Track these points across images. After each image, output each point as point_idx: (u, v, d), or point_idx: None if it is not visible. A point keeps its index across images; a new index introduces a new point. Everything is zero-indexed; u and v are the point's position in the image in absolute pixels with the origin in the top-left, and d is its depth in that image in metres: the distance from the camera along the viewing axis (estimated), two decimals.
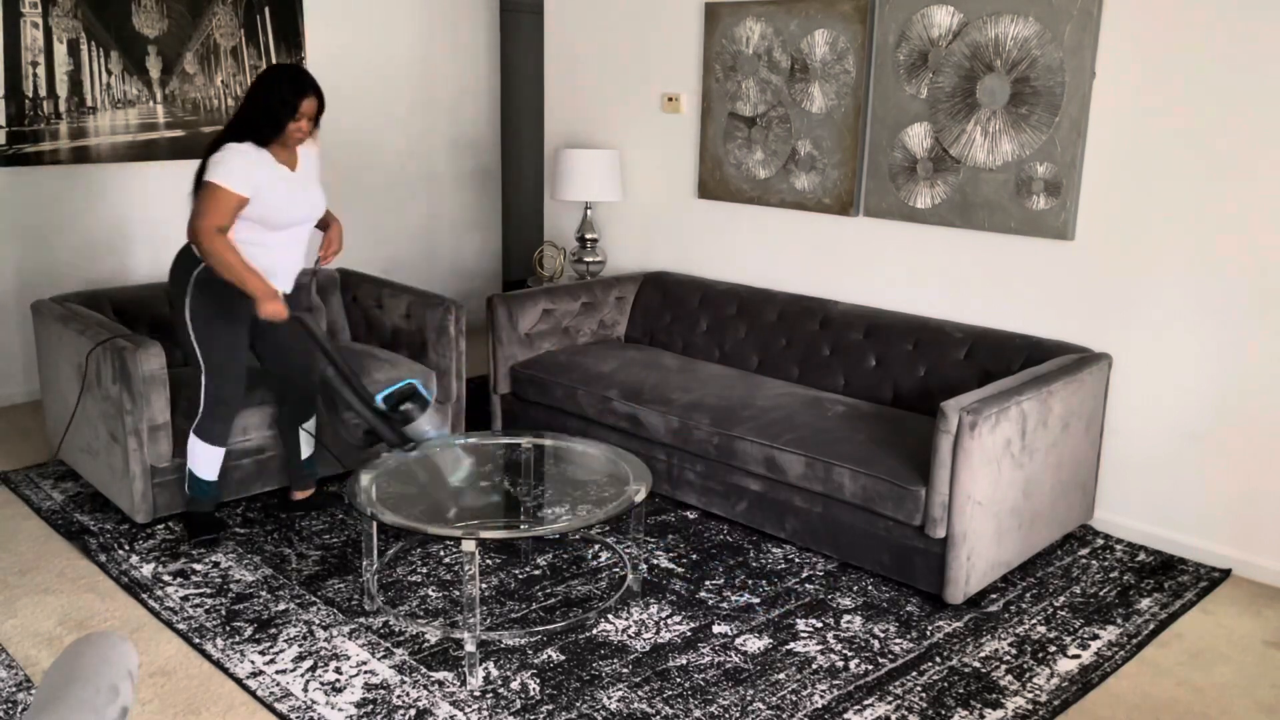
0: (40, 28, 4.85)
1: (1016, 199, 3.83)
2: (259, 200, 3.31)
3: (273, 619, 3.12)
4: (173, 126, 5.34)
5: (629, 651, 2.98)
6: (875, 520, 3.37)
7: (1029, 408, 3.27)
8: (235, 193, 3.25)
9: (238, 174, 3.25)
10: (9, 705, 2.66)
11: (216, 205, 3.25)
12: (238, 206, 3.28)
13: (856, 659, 2.97)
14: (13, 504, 3.92)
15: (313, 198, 3.53)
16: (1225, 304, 3.47)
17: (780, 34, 4.43)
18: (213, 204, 3.25)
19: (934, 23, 3.95)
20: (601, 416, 4.11)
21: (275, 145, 3.36)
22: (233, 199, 3.26)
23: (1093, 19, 3.56)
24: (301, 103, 3.32)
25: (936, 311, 4.15)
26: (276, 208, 3.37)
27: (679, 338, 4.70)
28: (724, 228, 4.84)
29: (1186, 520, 3.66)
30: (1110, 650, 3.05)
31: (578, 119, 5.40)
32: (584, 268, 5.22)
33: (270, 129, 3.32)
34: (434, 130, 6.48)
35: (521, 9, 7.24)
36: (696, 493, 3.88)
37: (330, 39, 5.87)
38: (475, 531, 2.90)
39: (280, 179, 3.38)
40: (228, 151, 3.28)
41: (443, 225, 6.67)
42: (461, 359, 4.36)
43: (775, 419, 3.69)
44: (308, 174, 3.51)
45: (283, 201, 3.38)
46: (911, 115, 4.07)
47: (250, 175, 3.27)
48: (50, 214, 5.03)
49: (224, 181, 3.24)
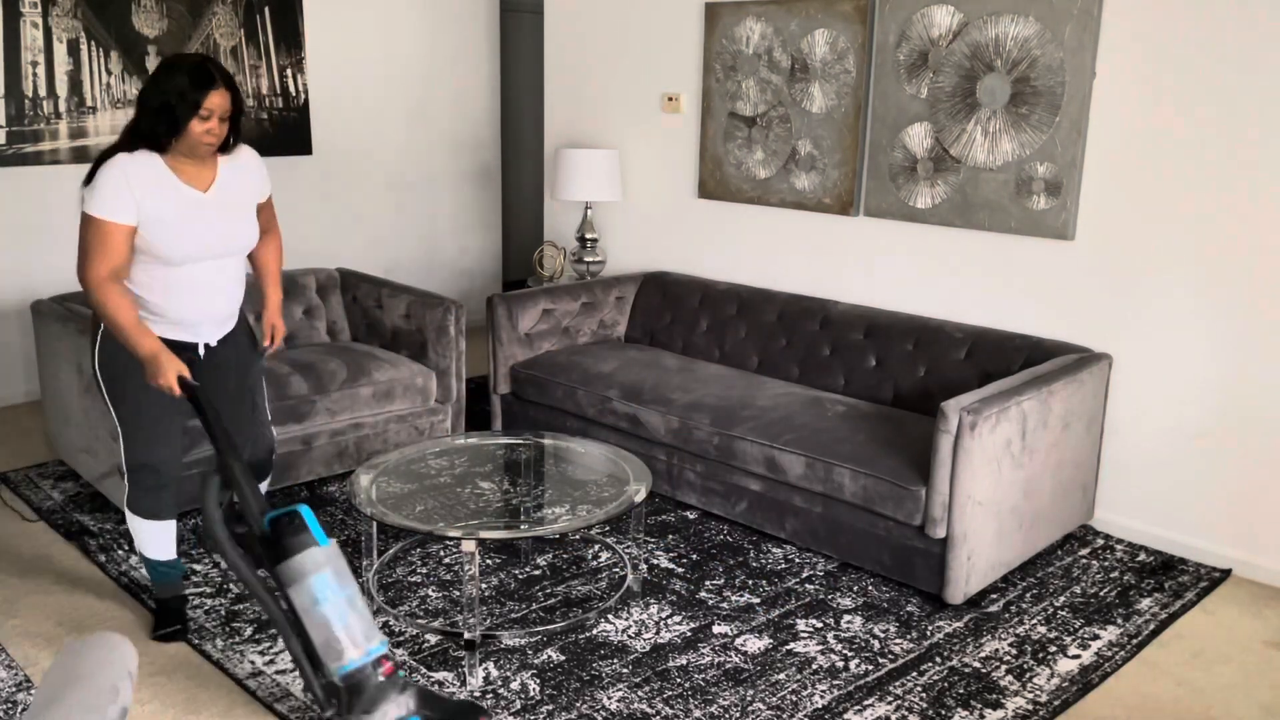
0: (40, 28, 4.85)
1: (1017, 199, 3.83)
2: (145, 227, 2.66)
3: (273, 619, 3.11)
4: None
5: (629, 651, 2.98)
6: (875, 520, 3.37)
7: (1029, 408, 3.26)
8: (116, 222, 2.61)
9: (113, 197, 2.61)
10: (9, 705, 2.66)
11: (99, 243, 2.61)
12: (127, 239, 2.64)
13: (856, 659, 2.97)
14: (12, 504, 3.92)
15: (230, 227, 2.81)
16: (1225, 304, 3.47)
17: (780, 34, 4.43)
18: (94, 241, 2.61)
19: (934, 22, 3.95)
20: (601, 416, 4.11)
21: (178, 155, 2.71)
22: (117, 231, 2.61)
23: (1093, 19, 3.56)
24: (206, 96, 2.64)
25: (936, 311, 4.15)
26: (166, 239, 2.68)
27: (679, 338, 4.70)
28: (724, 228, 4.84)
29: (1186, 520, 3.66)
30: (1110, 650, 3.05)
31: (578, 119, 5.40)
32: (584, 268, 5.22)
33: (166, 129, 2.65)
34: (434, 130, 6.48)
35: (521, 9, 7.24)
36: (696, 493, 3.88)
37: (330, 39, 5.87)
38: (475, 532, 2.90)
39: (177, 199, 2.71)
40: (103, 170, 2.63)
41: (443, 225, 6.67)
42: (461, 359, 4.37)
43: (775, 419, 3.69)
44: (228, 196, 2.81)
45: (177, 229, 2.69)
46: (912, 115, 4.07)
47: (130, 195, 2.62)
48: (50, 214, 5.03)
49: (99, 210, 2.61)
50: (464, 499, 3.14)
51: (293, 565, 2.30)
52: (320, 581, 2.29)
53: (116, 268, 2.64)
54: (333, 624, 2.28)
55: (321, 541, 2.33)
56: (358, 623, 2.30)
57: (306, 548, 2.30)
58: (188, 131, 2.66)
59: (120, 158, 2.65)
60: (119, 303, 2.64)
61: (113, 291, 2.64)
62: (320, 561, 2.31)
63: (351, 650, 2.27)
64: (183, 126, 2.65)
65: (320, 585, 2.29)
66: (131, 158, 2.66)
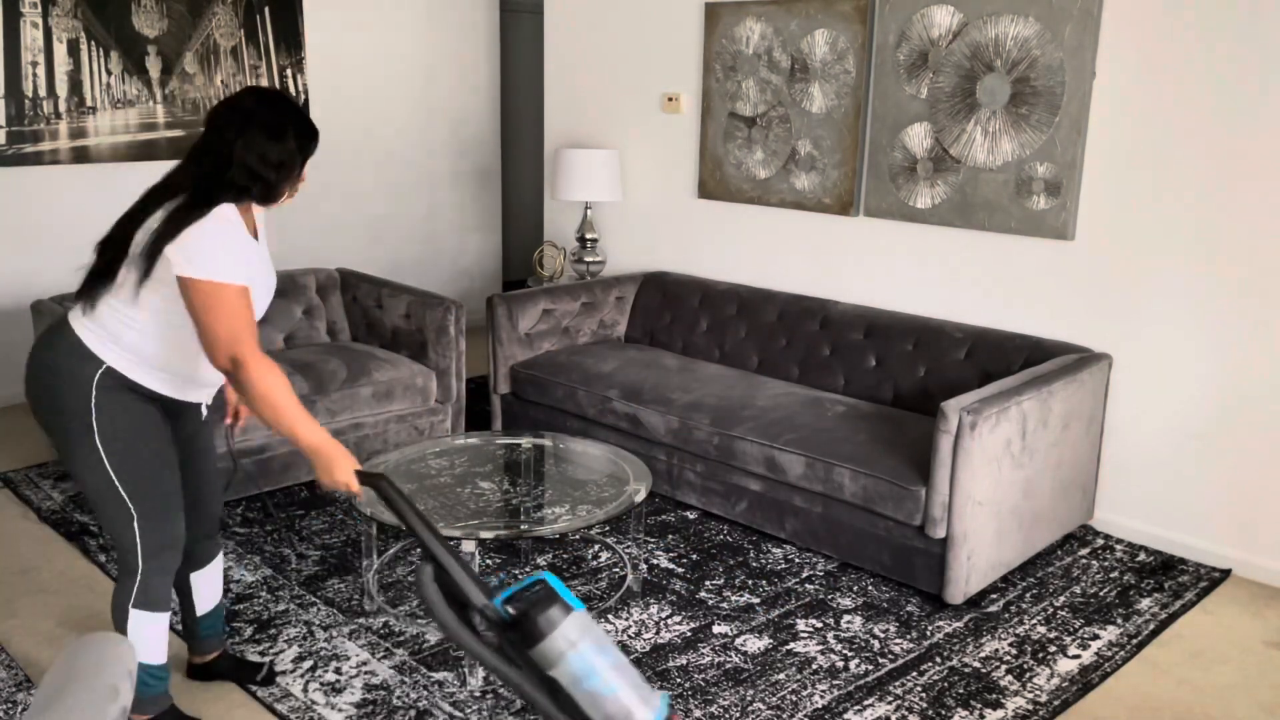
0: (40, 28, 4.85)
1: (1016, 199, 3.83)
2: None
3: (273, 619, 3.12)
4: (173, 126, 5.34)
5: (629, 651, 2.98)
6: (875, 520, 3.37)
7: (1029, 408, 3.26)
8: (243, 285, 2.27)
9: (233, 259, 2.26)
10: (9, 705, 2.66)
11: (243, 310, 2.25)
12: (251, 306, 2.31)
13: (856, 659, 2.97)
14: (13, 504, 3.92)
15: (273, 278, 2.55)
16: (1225, 304, 3.47)
17: (780, 34, 4.43)
18: (233, 311, 2.23)
19: (934, 23, 3.95)
20: (601, 416, 4.11)
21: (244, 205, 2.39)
22: (246, 297, 2.28)
23: (1093, 19, 3.56)
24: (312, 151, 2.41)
25: (936, 311, 4.15)
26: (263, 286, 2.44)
27: (679, 338, 4.70)
28: (724, 228, 4.84)
29: (1186, 520, 3.66)
30: (1110, 650, 3.05)
31: (578, 119, 5.40)
32: (584, 268, 5.22)
33: (265, 192, 2.35)
34: (434, 130, 6.48)
35: (521, 9, 7.24)
36: (696, 493, 3.88)
37: (330, 39, 5.87)
38: (475, 532, 2.90)
39: (254, 254, 2.40)
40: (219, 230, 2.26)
41: (443, 225, 6.67)
42: (461, 359, 4.37)
43: (775, 419, 3.69)
44: (266, 245, 2.55)
45: (259, 286, 2.41)
46: (911, 115, 4.07)
47: (241, 257, 2.30)
48: (50, 214, 5.03)
49: (225, 276, 2.23)
50: (464, 499, 3.15)
51: (547, 647, 1.99)
52: (580, 659, 1.99)
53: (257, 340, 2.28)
54: (607, 698, 2.00)
55: (577, 606, 2.03)
56: (634, 687, 2.03)
57: (557, 624, 1.98)
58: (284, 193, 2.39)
59: (227, 213, 2.29)
60: (284, 382, 2.27)
61: (274, 368, 2.26)
62: (574, 638, 1.99)
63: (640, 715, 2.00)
64: (284, 190, 2.38)
65: (582, 662, 1.99)
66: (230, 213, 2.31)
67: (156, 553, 2.43)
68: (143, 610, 2.44)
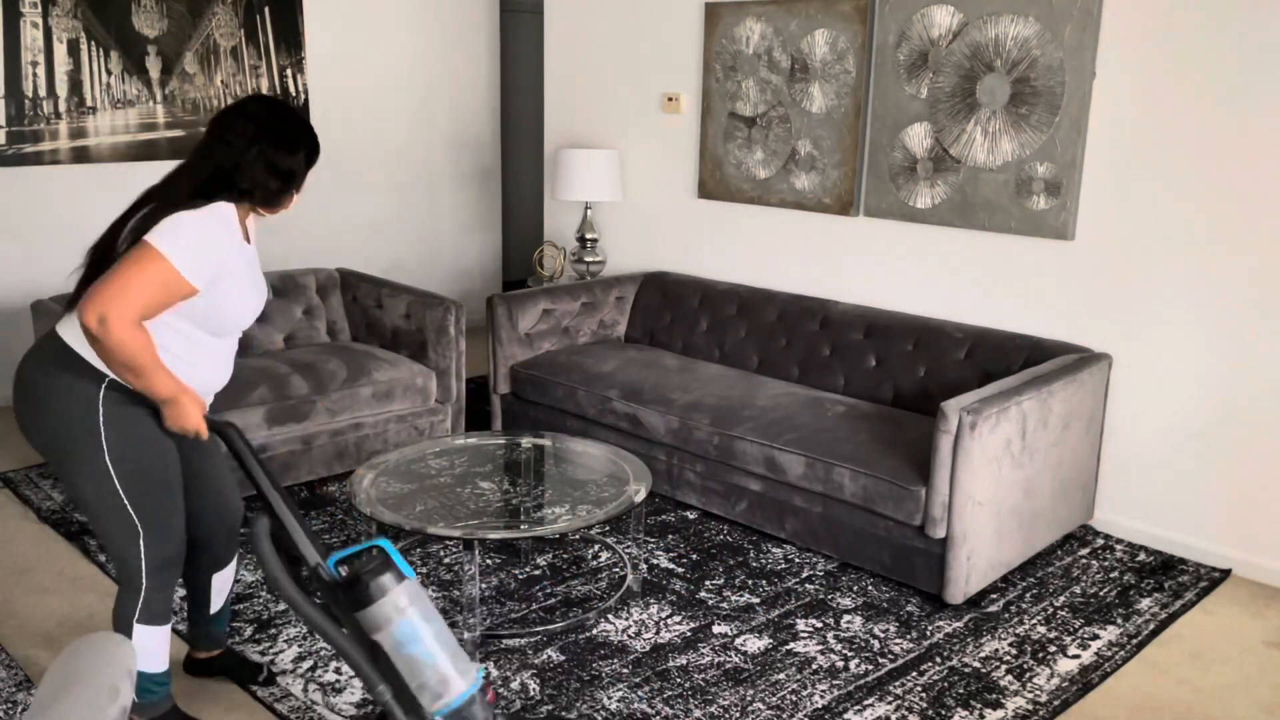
0: (40, 28, 4.85)
1: (1016, 199, 3.83)
2: (211, 293, 2.30)
3: (273, 619, 3.12)
4: (173, 126, 5.34)
5: (629, 651, 2.98)
6: (875, 520, 3.37)
7: (1029, 408, 3.26)
8: (186, 280, 2.21)
9: (196, 254, 2.22)
10: (9, 705, 2.66)
11: (155, 287, 2.19)
12: (176, 300, 2.24)
13: (856, 659, 2.97)
14: (13, 504, 3.92)
15: (264, 284, 2.52)
16: (1225, 304, 3.47)
17: (780, 34, 4.43)
18: (148, 282, 2.18)
19: (934, 22, 3.95)
20: (601, 416, 4.11)
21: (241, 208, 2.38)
22: (179, 288, 2.22)
23: (1093, 19, 3.56)
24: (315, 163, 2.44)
25: (936, 311, 4.15)
26: (232, 303, 2.37)
27: (679, 338, 4.70)
28: (724, 228, 4.84)
29: (1186, 520, 3.66)
30: (1110, 650, 3.05)
31: (578, 119, 5.40)
32: (584, 268, 5.22)
33: (267, 198, 2.37)
34: (434, 130, 6.48)
35: (521, 9, 7.24)
36: (696, 493, 3.88)
37: (330, 39, 5.87)
38: (474, 532, 2.90)
39: (242, 260, 2.38)
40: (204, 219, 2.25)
41: (443, 225, 6.67)
42: (461, 359, 4.37)
43: (775, 419, 3.69)
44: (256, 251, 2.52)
45: (241, 293, 2.38)
46: (911, 115, 4.07)
47: (211, 259, 2.26)
48: (50, 214, 5.03)
49: (176, 259, 2.19)
50: (464, 499, 3.15)
51: (375, 612, 2.02)
52: (407, 625, 2.03)
53: (146, 316, 2.22)
54: (426, 665, 2.03)
55: (409, 575, 2.06)
56: (452, 657, 2.07)
57: (388, 591, 2.01)
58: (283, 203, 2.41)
59: (222, 209, 2.29)
60: (145, 341, 2.20)
61: (140, 331, 2.19)
62: (403, 605, 2.02)
63: (456, 685, 2.05)
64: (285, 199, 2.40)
65: (408, 629, 2.03)
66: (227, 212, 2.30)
67: (160, 570, 2.42)
68: (146, 625, 2.43)
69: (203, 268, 2.24)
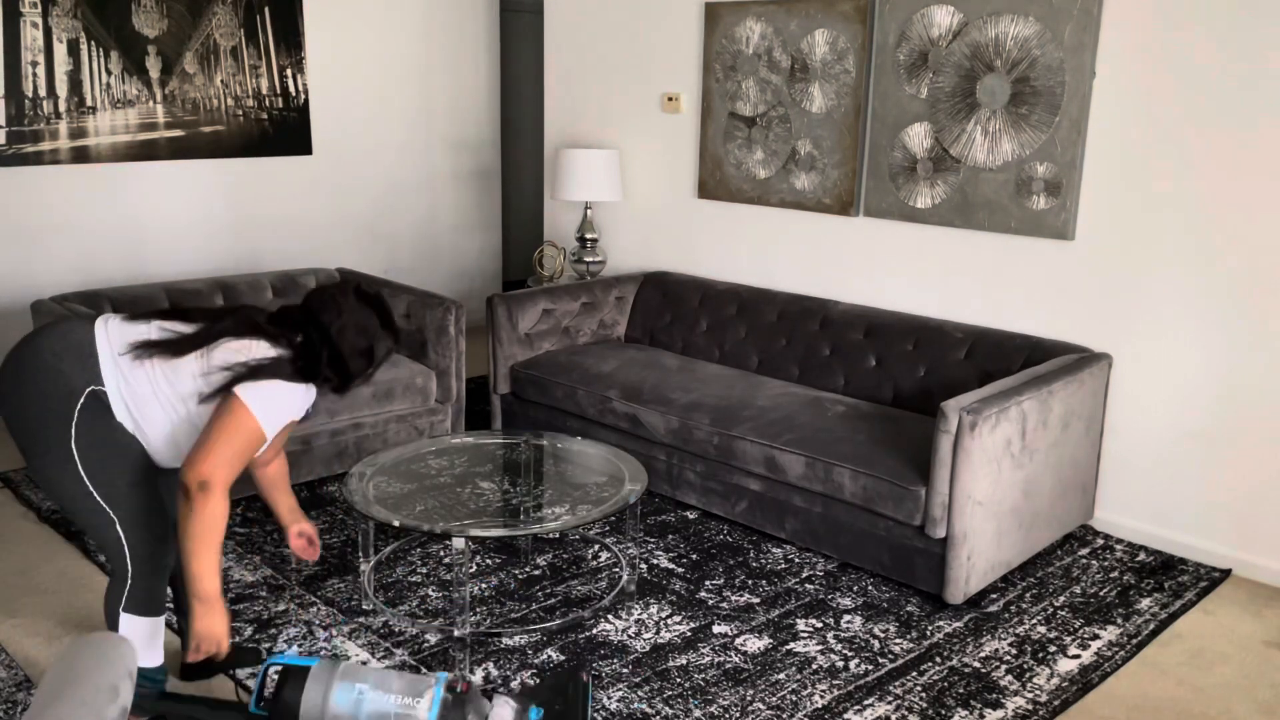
0: (40, 28, 4.85)
1: (1016, 199, 3.83)
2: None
3: (273, 619, 3.12)
4: (172, 126, 5.34)
5: (629, 651, 2.98)
6: (875, 520, 3.37)
7: (1029, 408, 3.26)
8: (266, 436, 2.41)
9: (280, 417, 2.43)
10: (9, 705, 2.66)
11: (248, 450, 2.38)
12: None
13: (856, 659, 2.97)
14: (13, 504, 3.92)
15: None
16: (1225, 304, 3.47)
17: (780, 34, 4.43)
18: (245, 447, 2.36)
19: (934, 22, 3.95)
20: (601, 416, 4.11)
21: None
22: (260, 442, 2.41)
23: (1093, 19, 3.56)
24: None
25: (936, 311, 4.15)
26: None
27: (679, 338, 4.70)
28: (724, 228, 4.84)
29: (1186, 520, 3.66)
30: (1110, 650, 3.05)
31: (578, 119, 5.40)
32: (584, 268, 5.22)
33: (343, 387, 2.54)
34: (434, 130, 6.48)
35: (521, 9, 7.24)
36: (696, 493, 3.88)
37: (330, 39, 5.87)
38: (466, 529, 2.91)
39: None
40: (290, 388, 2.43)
41: (443, 225, 6.67)
42: (461, 359, 4.37)
43: (775, 419, 3.69)
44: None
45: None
46: (911, 115, 4.07)
47: (286, 420, 2.47)
48: (50, 214, 5.03)
49: (266, 423, 2.38)
50: (464, 498, 3.15)
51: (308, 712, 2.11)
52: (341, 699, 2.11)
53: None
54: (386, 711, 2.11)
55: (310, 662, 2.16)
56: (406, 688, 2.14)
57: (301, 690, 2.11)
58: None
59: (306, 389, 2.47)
60: (223, 527, 2.36)
61: (227, 511, 2.36)
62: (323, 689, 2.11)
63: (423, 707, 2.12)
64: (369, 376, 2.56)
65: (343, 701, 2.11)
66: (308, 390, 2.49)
67: (146, 558, 2.45)
68: (133, 614, 2.47)
69: (279, 425, 2.43)
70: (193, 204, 5.41)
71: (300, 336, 2.46)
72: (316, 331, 2.46)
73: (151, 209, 5.33)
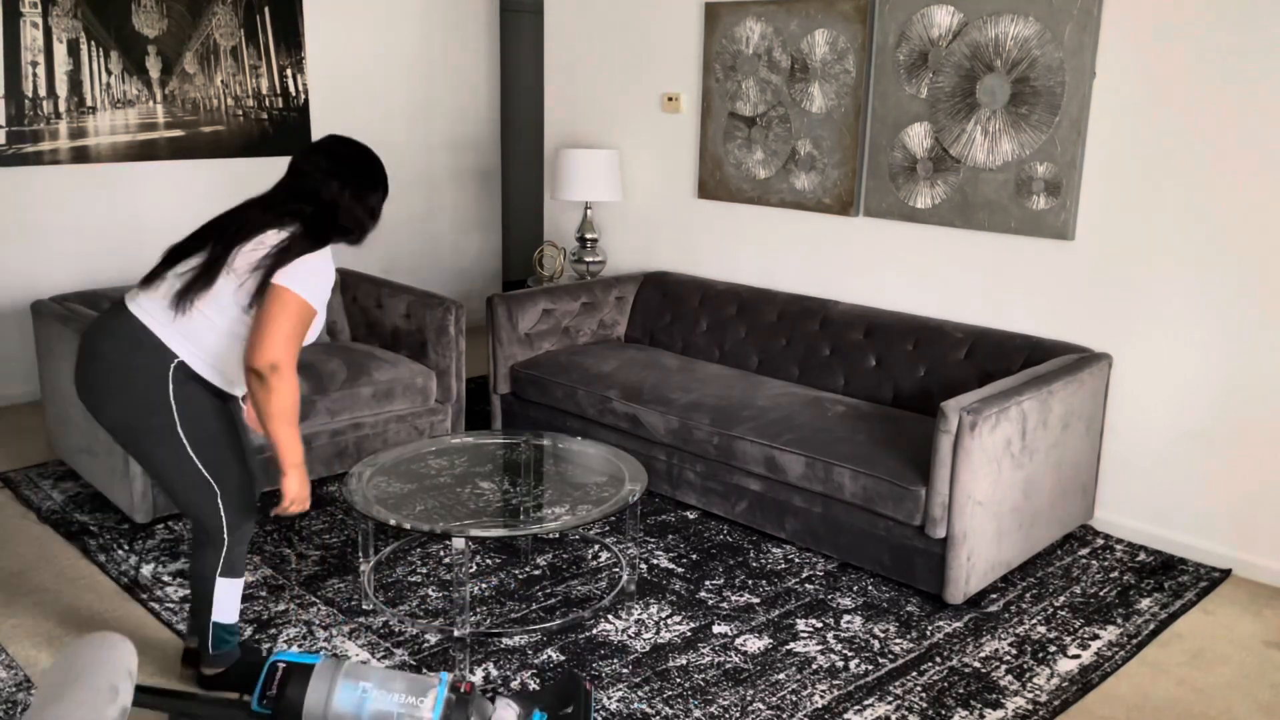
0: (40, 28, 4.85)
1: (1016, 199, 3.83)
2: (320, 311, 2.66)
3: (272, 619, 3.12)
4: (172, 126, 5.34)
5: (629, 651, 2.98)
6: (875, 520, 3.37)
7: (1029, 408, 3.26)
8: (316, 310, 2.57)
9: (321, 289, 2.58)
10: (9, 705, 2.66)
11: (301, 327, 2.53)
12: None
13: (856, 659, 2.97)
14: (13, 504, 3.92)
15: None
16: (1225, 304, 3.47)
17: (780, 34, 4.43)
18: (299, 325, 2.51)
19: (934, 22, 3.95)
20: (601, 416, 4.11)
21: None
22: (311, 316, 2.57)
23: (1093, 19, 3.56)
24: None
25: (936, 311, 4.15)
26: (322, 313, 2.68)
27: (679, 338, 4.70)
28: (724, 228, 4.84)
29: (1186, 520, 3.66)
30: (1110, 650, 3.05)
31: (578, 119, 5.40)
32: (584, 268, 5.22)
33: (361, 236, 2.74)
34: (434, 130, 6.48)
35: (521, 9, 7.24)
36: (696, 493, 3.88)
37: (330, 39, 5.87)
38: (466, 529, 2.90)
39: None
40: (320, 260, 2.59)
41: (442, 225, 6.67)
42: (461, 359, 4.37)
43: (775, 419, 3.69)
44: None
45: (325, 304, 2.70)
46: (911, 115, 4.07)
47: (328, 288, 2.63)
48: (50, 214, 5.03)
49: (311, 297, 2.53)
50: (464, 498, 3.15)
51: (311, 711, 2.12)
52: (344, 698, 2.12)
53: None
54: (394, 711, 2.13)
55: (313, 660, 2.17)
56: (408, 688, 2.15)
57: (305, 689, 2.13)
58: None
59: (328, 252, 2.65)
60: (298, 400, 2.55)
61: (298, 386, 2.54)
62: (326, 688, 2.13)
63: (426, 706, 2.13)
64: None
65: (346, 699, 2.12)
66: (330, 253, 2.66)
67: (239, 523, 2.69)
68: (227, 578, 2.70)
69: (324, 296, 2.60)
70: (193, 204, 5.41)
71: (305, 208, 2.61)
72: (316, 204, 2.62)
73: (151, 209, 5.33)
